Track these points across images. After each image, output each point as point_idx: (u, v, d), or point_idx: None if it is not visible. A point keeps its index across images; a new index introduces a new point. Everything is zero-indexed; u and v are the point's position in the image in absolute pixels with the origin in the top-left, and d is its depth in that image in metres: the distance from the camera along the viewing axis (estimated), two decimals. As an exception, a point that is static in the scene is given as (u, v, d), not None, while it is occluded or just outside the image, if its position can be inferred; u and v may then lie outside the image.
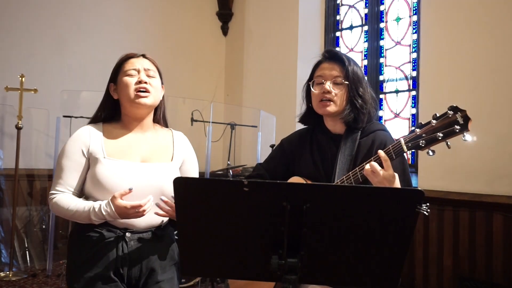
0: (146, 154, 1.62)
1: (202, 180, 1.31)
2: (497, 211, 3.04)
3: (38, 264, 4.09)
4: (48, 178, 4.24)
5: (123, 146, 1.60)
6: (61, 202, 1.54)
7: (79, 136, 1.60)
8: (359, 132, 1.66)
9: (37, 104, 4.25)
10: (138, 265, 1.54)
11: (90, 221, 1.50)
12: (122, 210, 1.46)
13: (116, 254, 1.51)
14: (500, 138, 3.16)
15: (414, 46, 4.08)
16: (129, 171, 1.55)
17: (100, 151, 1.56)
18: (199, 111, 4.05)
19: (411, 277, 3.42)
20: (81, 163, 1.57)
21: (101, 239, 1.52)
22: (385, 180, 1.38)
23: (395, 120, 4.24)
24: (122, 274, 1.52)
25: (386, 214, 1.05)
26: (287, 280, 1.03)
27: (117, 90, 1.65)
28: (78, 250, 1.55)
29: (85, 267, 1.51)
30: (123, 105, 1.64)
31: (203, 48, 5.57)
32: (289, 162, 1.79)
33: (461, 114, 1.29)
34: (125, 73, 1.63)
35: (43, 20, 4.50)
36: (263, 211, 1.06)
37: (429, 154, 1.36)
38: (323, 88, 1.65)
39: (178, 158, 1.69)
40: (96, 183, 1.53)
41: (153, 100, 1.63)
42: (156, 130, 1.71)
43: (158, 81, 1.66)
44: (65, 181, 1.56)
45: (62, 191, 1.56)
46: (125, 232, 1.53)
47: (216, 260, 1.14)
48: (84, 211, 1.50)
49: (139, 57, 1.68)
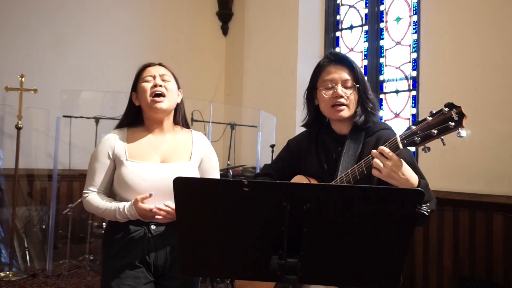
0: (165, 154, 1.76)
1: (202, 180, 1.32)
2: (497, 211, 3.04)
3: (38, 264, 4.09)
4: (48, 178, 4.24)
5: (145, 148, 1.76)
6: (92, 201, 1.73)
7: (106, 140, 1.78)
8: (364, 132, 1.66)
9: (37, 104, 4.25)
10: (164, 254, 1.69)
11: (116, 219, 1.68)
12: (143, 212, 1.63)
13: (143, 244, 1.67)
14: (500, 138, 3.16)
15: (414, 46, 4.08)
16: (149, 172, 1.70)
17: (123, 154, 1.73)
18: (199, 111, 4.05)
19: (411, 277, 3.42)
20: (108, 165, 1.74)
21: (129, 232, 1.68)
22: (394, 166, 1.38)
23: (395, 120, 4.24)
24: (149, 263, 1.68)
25: (386, 214, 1.05)
26: (287, 280, 1.03)
27: (138, 98, 1.79)
28: (110, 244, 1.72)
29: (115, 258, 1.68)
30: (144, 110, 1.79)
31: (203, 48, 5.57)
32: (296, 162, 1.80)
33: (456, 110, 1.29)
34: (142, 80, 1.77)
35: (43, 20, 4.50)
36: (263, 211, 1.06)
37: (424, 151, 1.36)
38: (335, 93, 1.63)
39: (196, 157, 1.81)
40: (120, 183, 1.70)
41: (169, 104, 1.76)
42: (175, 132, 1.84)
43: (173, 85, 1.80)
44: (95, 182, 1.75)
45: (93, 190, 1.75)
46: (150, 224, 1.68)
47: (216, 260, 1.14)
48: (111, 210, 1.68)
49: (156, 66, 1.82)
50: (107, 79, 4.68)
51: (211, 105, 4.07)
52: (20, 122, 3.98)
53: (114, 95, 4.60)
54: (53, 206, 3.86)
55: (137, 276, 1.66)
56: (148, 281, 1.68)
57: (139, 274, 1.67)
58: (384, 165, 1.38)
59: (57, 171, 3.93)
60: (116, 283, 1.65)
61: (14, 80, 4.02)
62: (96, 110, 4.15)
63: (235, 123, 4.15)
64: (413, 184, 1.42)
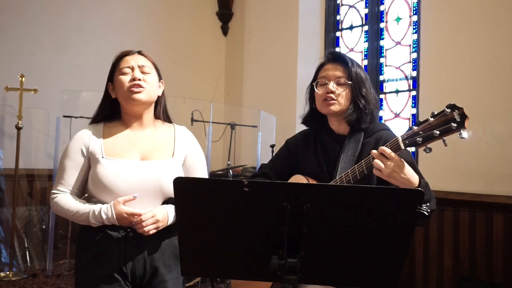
0: (146, 151, 1.61)
1: (202, 180, 1.31)
2: (497, 211, 3.04)
3: (38, 264, 4.09)
4: (48, 178, 4.24)
5: (122, 145, 1.60)
6: (62, 202, 1.56)
7: (79, 136, 1.62)
8: (363, 132, 1.66)
9: (37, 104, 4.25)
10: (142, 264, 1.54)
11: (89, 223, 1.52)
12: (122, 216, 1.48)
13: (119, 253, 1.52)
14: (500, 138, 3.16)
15: (414, 46, 4.08)
16: (127, 170, 1.54)
17: (99, 151, 1.57)
18: (199, 111, 4.05)
19: (411, 277, 3.42)
20: (82, 163, 1.58)
21: (104, 238, 1.53)
22: (395, 166, 1.38)
23: (395, 120, 4.24)
24: (125, 273, 1.53)
25: (386, 214, 1.05)
26: (287, 280, 1.03)
27: (114, 90, 1.65)
28: (83, 251, 1.56)
29: (89, 267, 1.52)
30: (121, 103, 1.64)
31: (203, 48, 5.57)
32: (294, 161, 1.80)
33: (458, 111, 1.29)
34: (120, 72, 1.62)
35: (43, 20, 4.50)
36: (263, 211, 1.06)
37: (426, 152, 1.36)
38: (326, 88, 1.66)
39: (180, 153, 1.66)
40: (96, 182, 1.54)
41: (148, 95, 1.61)
42: (156, 127, 1.69)
43: (153, 77, 1.65)
44: (66, 181, 1.58)
45: (63, 191, 1.58)
46: (128, 231, 1.53)
47: (216, 260, 1.14)
48: (84, 212, 1.52)
49: (134, 54, 1.67)
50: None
51: (211, 105, 4.06)
52: (20, 122, 3.98)
53: (114, 95, 4.59)
54: (53, 206, 3.86)
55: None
56: None
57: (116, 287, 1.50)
58: (385, 166, 1.38)
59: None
60: None
61: (14, 80, 4.02)
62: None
63: (235, 123, 4.14)
64: (414, 183, 1.42)
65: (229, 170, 3.74)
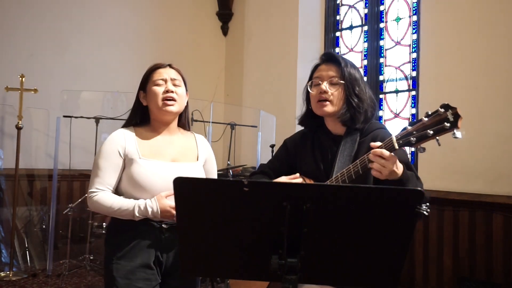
0: (175, 154, 1.77)
1: (202, 180, 1.32)
2: (497, 211, 3.04)
3: (38, 264, 4.10)
4: (48, 178, 4.24)
5: (155, 148, 1.75)
6: (103, 199, 1.66)
7: (115, 138, 1.74)
8: (359, 132, 1.67)
9: (37, 104, 4.25)
10: (174, 254, 1.68)
11: (133, 217, 1.63)
12: (166, 209, 1.61)
13: (155, 243, 1.65)
14: (500, 138, 3.17)
15: (414, 46, 4.08)
16: (162, 170, 1.69)
17: (135, 152, 1.70)
18: (199, 111, 4.04)
19: (411, 277, 3.42)
20: (118, 163, 1.70)
21: (139, 232, 1.65)
22: (390, 163, 1.40)
23: (395, 120, 4.24)
24: (161, 262, 1.67)
25: (386, 214, 1.05)
26: (287, 280, 1.03)
27: (146, 98, 1.78)
28: (116, 245, 1.67)
29: (125, 259, 1.64)
30: (152, 111, 1.78)
31: (203, 48, 5.57)
32: (293, 161, 1.81)
33: (452, 111, 1.29)
34: (153, 83, 1.76)
35: (43, 20, 4.51)
36: (263, 211, 1.06)
37: (420, 151, 1.36)
38: (320, 88, 1.67)
39: (202, 158, 1.85)
40: (133, 182, 1.67)
41: (179, 107, 1.77)
42: (181, 133, 1.86)
43: (183, 90, 1.80)
44: (104, 180, 1.69)
45: (102, 189, 1.69)
46: (161, 223, 1.67)
47: (216, 260, 1.14)
48: (127, 207, 1.63)
49: (166, 67, 1.81)
50: (107, 79, 4.68)
51: (211, 105, 4.07)
52: (20, 122, 3.98)
53: (114, 95, 4.60)
54: (53, 206, 3.87)
55: (148, 278, 1.63)
56: (157, 283, 1.67)
57: (151, 277, 1.64)
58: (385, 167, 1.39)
59: (57, 171, 3.93)
60: (126, 285, 1.61)
61: (14, 80, 4.03)
62: (96, 110, 4.15)
63: (235, 123, 4.14)
64: (398, 173, 1.44)
65: (229, 170, 3.74)
